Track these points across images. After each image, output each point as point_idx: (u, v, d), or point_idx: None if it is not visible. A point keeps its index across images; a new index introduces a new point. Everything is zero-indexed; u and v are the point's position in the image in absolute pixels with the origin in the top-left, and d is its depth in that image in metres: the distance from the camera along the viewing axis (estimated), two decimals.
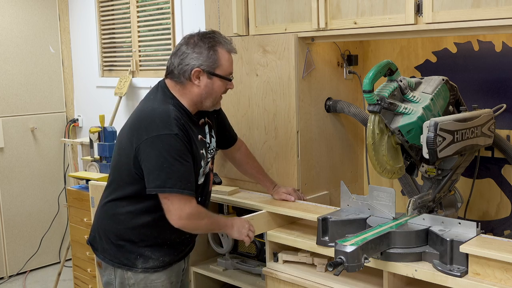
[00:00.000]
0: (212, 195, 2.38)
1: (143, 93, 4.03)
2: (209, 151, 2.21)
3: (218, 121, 2.34)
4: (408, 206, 2.08)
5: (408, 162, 2.16)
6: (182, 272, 2.29)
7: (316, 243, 2.17)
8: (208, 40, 2.07)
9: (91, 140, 3.79)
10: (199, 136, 2.14)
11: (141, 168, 2.01)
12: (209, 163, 2.23)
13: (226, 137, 2.43)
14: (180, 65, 2.07)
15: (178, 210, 1.99)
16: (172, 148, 1.96)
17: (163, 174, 1.96)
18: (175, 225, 2.02)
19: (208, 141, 2.22)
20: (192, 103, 2.11)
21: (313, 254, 2.28)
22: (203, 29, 2.17)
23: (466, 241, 1.83)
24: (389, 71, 2.04)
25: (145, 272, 2.12)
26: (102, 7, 4.42)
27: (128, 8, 4.17)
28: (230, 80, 2.15)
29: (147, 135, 1.98)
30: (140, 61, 4.15)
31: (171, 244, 2.16)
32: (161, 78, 2.19)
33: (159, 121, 1.99)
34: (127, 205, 2.11)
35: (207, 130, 2.22)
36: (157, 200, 2.03)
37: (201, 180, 2.16)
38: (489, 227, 2.46)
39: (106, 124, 3.90)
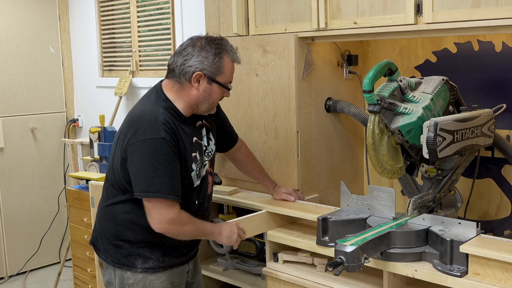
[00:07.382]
0: (212, 195, 2.36)
1: (143, 93, 4.05)
2: (205, 154, 2.19)
3: (218, 123, 2.33)
4: (408, 206, 2.08)
5: (408, 162, 2.16)
6: (186, 274, 2.27)
7: (316, 243, 2.17)
8: (216, 46, 2.06)
9: (91, 140, 3.79)
10: (194, 139, 2.13)
11: (128, 172, 2.01)
12: (207, 166, 2.20)
13: (227, 138, 2.42)
14: (182, 65, 2.05)
15: (159, 215, 1.97)
16: (158, 152, 1.95)
17: (148, 178, 1.95)
18: (156, 229, 2.00)
19: (205, 144, 2.20)
20: (187, 106, 2.09)
21: (313, 254, 2.28)
22: (203, 31, 2.17)
23: (466, 241, 1.83)
24: (389, 71, 2.04)
25: (144, 272, 2.12)
26: (102, 7, 4.42)
27: (128, 8, 4.17)
28: (229, 89, 2.14)
29: (135, 139, 1.98)
30: (140, 61, 4.15)
31: (170, 246, 2.15)
32: (162, 78, 2.19)
33: (146, 124, 1.98)
34: (126, 208, 2.11)
35: (204, 132, 2.20)
36: None
37: (196, 183, 2.14)
38: (489, 227, 2.46)
39: (106, 124, 3.91)
